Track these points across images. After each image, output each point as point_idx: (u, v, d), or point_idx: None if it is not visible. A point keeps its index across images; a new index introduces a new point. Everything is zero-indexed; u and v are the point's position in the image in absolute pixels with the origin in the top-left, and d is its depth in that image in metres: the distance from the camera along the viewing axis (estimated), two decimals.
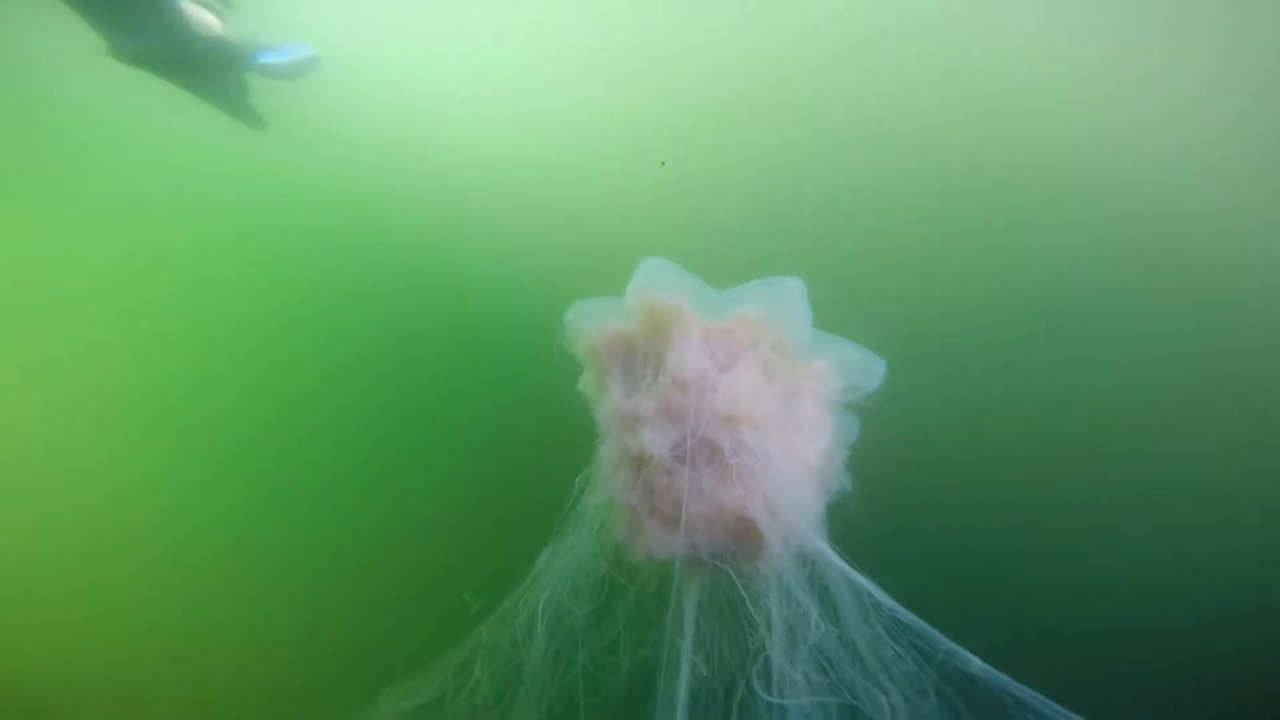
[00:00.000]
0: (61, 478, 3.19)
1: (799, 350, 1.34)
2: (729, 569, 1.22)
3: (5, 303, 3.20)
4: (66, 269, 3.24)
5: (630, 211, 3.39)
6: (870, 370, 1.40)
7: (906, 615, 1.05)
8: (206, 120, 3.06)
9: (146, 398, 3.27)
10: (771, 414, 1.26)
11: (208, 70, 2.96)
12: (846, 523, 1.33)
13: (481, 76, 3.48)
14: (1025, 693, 0.95)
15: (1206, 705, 2.74)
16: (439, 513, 3.01)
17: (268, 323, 3.36)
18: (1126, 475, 3.01)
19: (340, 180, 3.34)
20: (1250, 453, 3.03)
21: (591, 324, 1.42)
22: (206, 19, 3.04)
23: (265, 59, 3.14)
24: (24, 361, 3.26)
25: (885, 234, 3.30)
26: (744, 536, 1.24)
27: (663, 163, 3.11)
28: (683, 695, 1.14)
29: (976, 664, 0.97)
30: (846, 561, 1.15)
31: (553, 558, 1.34)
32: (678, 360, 1.27)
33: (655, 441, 1.26)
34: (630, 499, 1.32)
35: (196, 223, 3.30)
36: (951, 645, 1.00)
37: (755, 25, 3.42)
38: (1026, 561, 2.85)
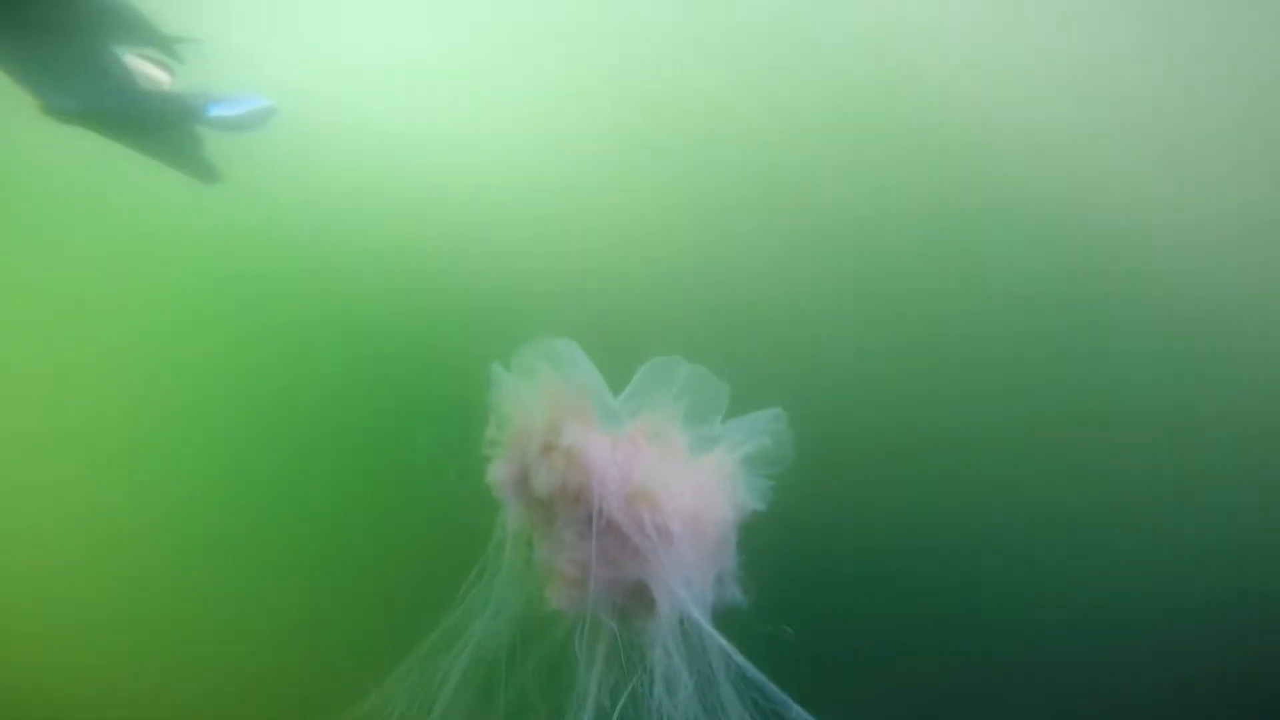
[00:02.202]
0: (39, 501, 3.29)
1: (700, 431, 1.52)
2: (627, 627, 1.40)
3: None
4: (13, 330, 3.32)
5: (595, 260, 3.54)
6: (775, 438, 1.57)
7: (754, 672, 1.24)
8: (158, 176, 3.16)
9: (98, 442, 3.37)
10: (672, 495, 1.44)
11: (157, 125, 3.05)
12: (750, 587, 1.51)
13: (441, 123, 3.61)
14: None
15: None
16: (369, 554, 3.16)
17: (225, 368, 3.47)
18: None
19: (297, 229, 3.46)
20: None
21: (506, 398, 1.57)
22: (154, 73, 3.13)
23: (217, 111, 3.23)
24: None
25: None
26: (642, 601, 1.42)
27: None
28: None
29: (797, 711, 1.16)
30: (718, 630, 1.35)
31: (465, 611, 1.51)
32: (580, 448, 1.43)
33: (561, 524, 1.43)
34: (540, 559, 1.49)
35: (149, 279, 3.40)
36: (784, 699, 1.19)
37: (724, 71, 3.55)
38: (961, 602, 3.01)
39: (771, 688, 1.21)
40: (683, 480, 1.48)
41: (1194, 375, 3.21)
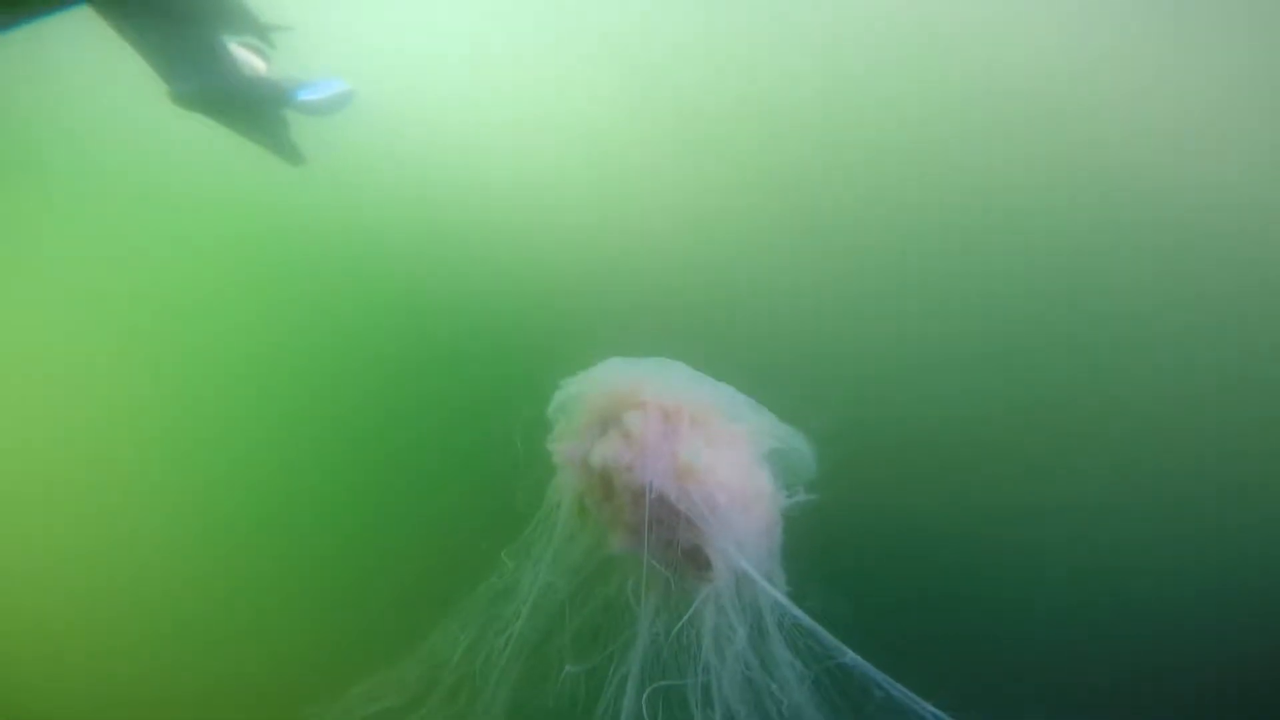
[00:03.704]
0: (63, 489, 3.51)
1: (738, 418, 1.67)
2: (684, 584, 1.56)
3: (47, 324, 3.52)
4: (112, 292, 3.56)
5: (660, 248, 3.66)
6: (795, 455, 1.72)
7: (807, 621, 1.37)
8: (247, 156, 3.38)
9: (164, 418, 3.60)
10: (715, 472, 1.60)
11: (253, 109, 3.27)
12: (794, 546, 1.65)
13: (515, 110, 3.76)
14: (891, 685, 1.26)
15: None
16: (418, 525, 3.33)
17: (290, 347, 3.67)
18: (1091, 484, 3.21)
19: (375, 211, 3.65)
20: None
21: (574, 387, 1.74)
22: (252, 60, 3.35)
23: (304, 96, 3.44)
24: (47, 381, 3.57)
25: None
26: (698, 562, 1.58)
27: None
28: (633, 683, 1.46)
29: (851, 656, 1.29)
30: (774, 583, 1.48)
31: (520, 562, 1.67)
32: (636, 431, 1.60)
33: (619, 494, 1.59)
34: (597, 520, 1.66)
35: (232, 256, 3.62)
36: (836, 643, 1.32)
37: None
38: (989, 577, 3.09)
39: (825, 634, 1.33)
40: (725, 459, 1.64)
41: (1230, 369, 3.22)
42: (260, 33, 3.22)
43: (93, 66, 3.17)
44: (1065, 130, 3.43)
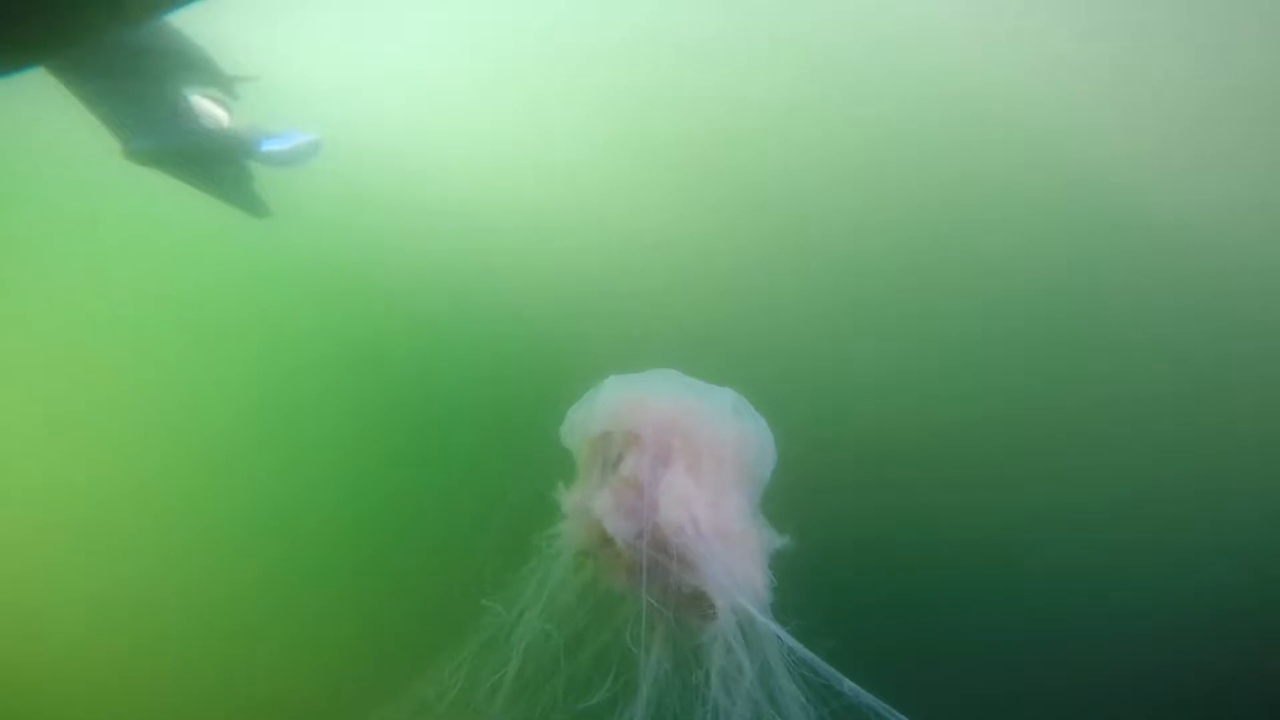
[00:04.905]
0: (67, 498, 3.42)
1: (729, 436, 1.69)
2: (682, 622, 1.57)
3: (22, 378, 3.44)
4: (79, 353, 3.50)
5: (632, 286, 3.71)
6: (765, 445, 1.75)
7: (805, 652, 1.39)
8: (211, 210, 3.35)
9: (151, 457, 3.53)
10: (711, 512, 1.62)
11: (214, 162, 3.24)
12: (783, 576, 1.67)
13: (480, 158, 3.80)
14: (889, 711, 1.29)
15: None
16: (410, 566, 3.30)
17: (273, 386, 3.63)
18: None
19: (342, 261, 3.64)
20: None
21: (581, 428, 1.76)
22: (214, 111, 3.34)
23: (269, 146, 3.43)
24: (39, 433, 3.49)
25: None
26: (694, 599, 1.58)
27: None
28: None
29: (848, 685, 1.31)
30: (770, 617, 1.50)
31: (518, 603, 1.66)
32: (633, 476, 1.62)
33: (618, 535, 1.60)
34: (597, 561, 1.66)
35: (200, 311, 3.59)
36: (835, 674, 1.34)
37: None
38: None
39: (823, 665, 1.35)
40: (721, 495, 1.67)
41: (1206, 366, 3.34)
42: (223, 84, 3.21)
43: (49, 126, 3.14)
44: (1052, 145, 3.57)
